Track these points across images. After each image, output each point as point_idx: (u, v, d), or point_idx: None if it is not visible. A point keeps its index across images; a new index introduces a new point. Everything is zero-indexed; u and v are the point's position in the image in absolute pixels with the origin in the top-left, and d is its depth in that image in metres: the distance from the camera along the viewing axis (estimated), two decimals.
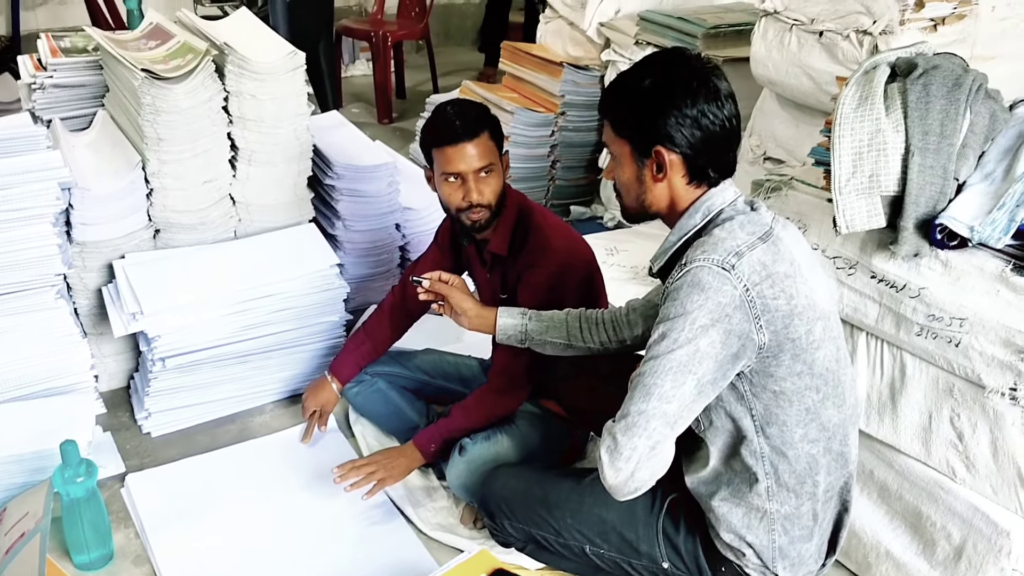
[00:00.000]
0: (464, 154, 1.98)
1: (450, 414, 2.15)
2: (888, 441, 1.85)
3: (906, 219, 1.73)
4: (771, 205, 2.08)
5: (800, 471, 1.56)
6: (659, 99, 1.51)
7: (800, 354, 1.49)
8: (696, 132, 1.51)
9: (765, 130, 3.01)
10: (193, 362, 2.34)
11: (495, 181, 2.03)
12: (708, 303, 1.43)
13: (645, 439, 1.43)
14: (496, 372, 2.14)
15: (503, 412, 2.15)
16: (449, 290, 1.97)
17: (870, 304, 1.84)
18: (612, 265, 3.10)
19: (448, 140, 1.99)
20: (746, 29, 3.14)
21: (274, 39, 2.69)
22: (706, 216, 1.55)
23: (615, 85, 1.60)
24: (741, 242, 1.47)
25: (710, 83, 1.52)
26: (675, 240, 1.58)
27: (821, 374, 1.53)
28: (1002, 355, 1.63)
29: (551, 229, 2.10)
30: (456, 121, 1.99)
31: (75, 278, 2.40)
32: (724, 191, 1.57)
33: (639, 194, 1.60)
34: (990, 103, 1.80)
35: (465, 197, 2.01)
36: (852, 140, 1.76)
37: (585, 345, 1.92)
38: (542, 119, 3.78)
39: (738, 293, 1.43)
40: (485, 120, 2.02)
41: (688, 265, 1.46)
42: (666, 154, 1.53)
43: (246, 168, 2.56)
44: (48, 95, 2.66)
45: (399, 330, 2.40)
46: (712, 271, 1.44)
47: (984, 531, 1.71)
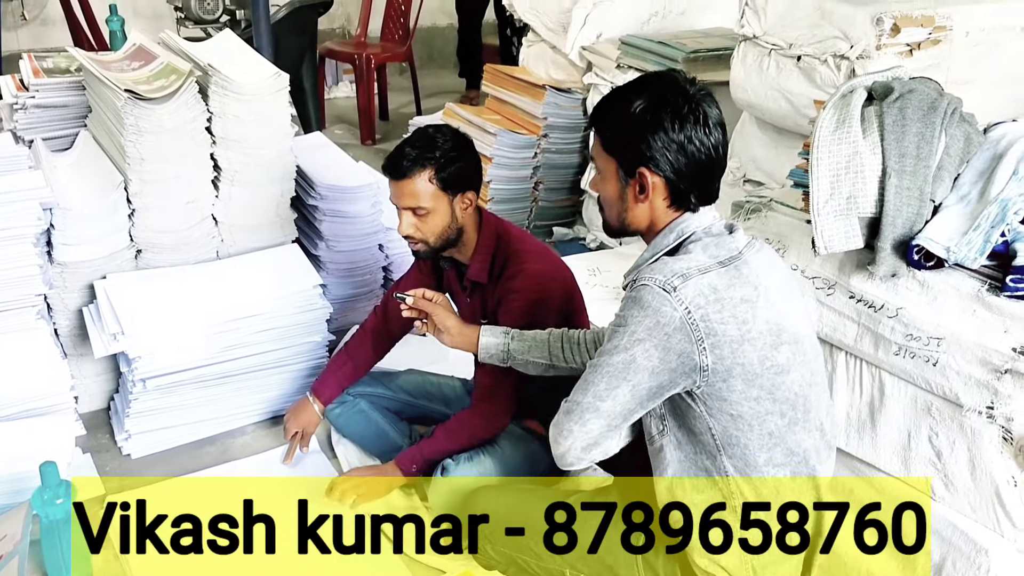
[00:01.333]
0: (394, 191, 2.05)
1: (433, 435, 2.15)
2: (868, 459, 1.86)
3: (883, 240, 1.75)
4: (751, 227, 2.11)
5: (766, 494, 1.57)
6: (648, 122, 1.52)
7: (754, 379, 1.50)
8: (681, 158, 1.53)
9: (745, 153, 3.04)
10: (174, 383, 2.33)
11: (430, 220, 2.05)
12: (646, 320, 1.48)
13: (579, 426, 1.55)
14: (481, 395, 2.14)
15: (487, 435, 2.15)
16: (432, 307, 1.98)
17: (849, 324, 1.86)
18: (595, 286, 3.11)
19: (385, 172, 2.07)
20: (725, 54, 3.17)
21: (258, 60, 2.70)
22: (679, 237, 1.58)
23: (608, 102, 1.61)
24: (694, 265, 1.50)
25: (700, 110, 1.53)
26: (647, 257, 1.61)
27: (788, 399, 1.54)
28: (979, 374, 1.65)
29: (529, 255, 2.11)
30: (395, 156, 2.04)
31: (56, 298, 2.39)
32: (702, 216, 1.59)
33: (620, 211, 1.62)
34: (965, 126, 1.84)
35: (399, 227, 2.06)
36: (830, 162, 1.78)
37: (567, 365, 1.93)
38: (525, 141, 3.81)
39: (678, 315, 1.47)
40: (424, 162, 2.01)
41: (637, 282, 1.52)
42: (649, 176, 1.54)
43: (229, 188, 2.56)
44: (30, 115, 2.65)
45: (381, 351, 2.40)
46: (653, 291, 1.48)
47: (963, 549, 1.72)
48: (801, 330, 1.58)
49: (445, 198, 2.03)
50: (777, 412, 1.53)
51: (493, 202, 3.79)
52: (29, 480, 1.91)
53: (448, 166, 2.02)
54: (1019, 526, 1.66)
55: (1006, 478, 1.65)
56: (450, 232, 2.08)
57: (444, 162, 2.02)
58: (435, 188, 2.02)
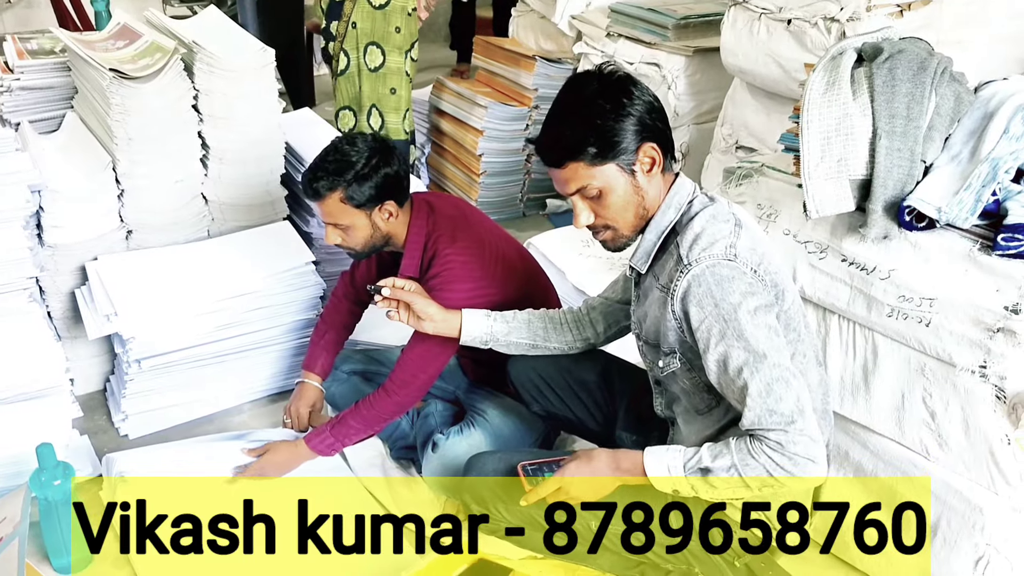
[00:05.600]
0: (314, 207, 2.10)
1: (342, 419, 2.10)
2: (862, 422, 1.87)
3: (875, 202, 1.75)
4: (742, 192, 2.10)
5: None
6: (612, 108, 1.55)
7: (790, 322, 1.61)
8: (654, 114, 1.58)
9: (737, 119, 3.03)
10: (169, 363, 2.33)
11: (352, 233, 2.07)
12: (739, 286, 1.52)
13: (803, 420, 1.47)
14: (400, 382, 2.06)
15: (392, 413, 2.10)
16: (411, 296, 1.94)
17: (841, 287, 1.86)
18: (588, 256, 3.10)
19: (302, 191, 2.10)
20: (716, 19, 3.16)
21: (243, 37, 2.67)
22: (678, 210, 1.62)
23: (559, 131, 1.59)
24: (726, 232, 1.56)
25: (616, 75, 1.58)
26: (654, 239, 1.64)
27: (804, 338, 1.66)
28: (971, 333, 1.66)
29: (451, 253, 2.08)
30: (308, 177, 2.05)
31: (47, 281, 2.38)
32: (683, 182, 1.65)
33: (638, 203, 1.62)
34: (955, 85, 1.83)
35: (325, 238, 2.11)
36: (820, 125, 1.78)
37: (548, 345, 1.96)
38: (516, 113, 3.79)
39: (748, 272, 1.53)
40: (333, 184, 2.01)
41: (693, 266, 1.54)
42: (649, 147, 1.58)
43: (218, 167, 2.55)
44: (16, 98, 2.62)
45: (357, 314, 2.43)
46: (721, 263, 1.53)
47: (958, 508, 1.73)
48: (786, 274, 1.68)
49: (362, 213, 2.05)
50: (802, 352, 1.66)
51: (485, 176, 3.77)
52: (27, 463, 1.91)
53: (359, 185, 2.02)
54: (1013, 484, 1.67)
55: (999, 436, 1.66)
56: (375, 240, 2.11)
57: (354, 183, 2.01)
58: (349, 207, 2.03)
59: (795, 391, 1.48)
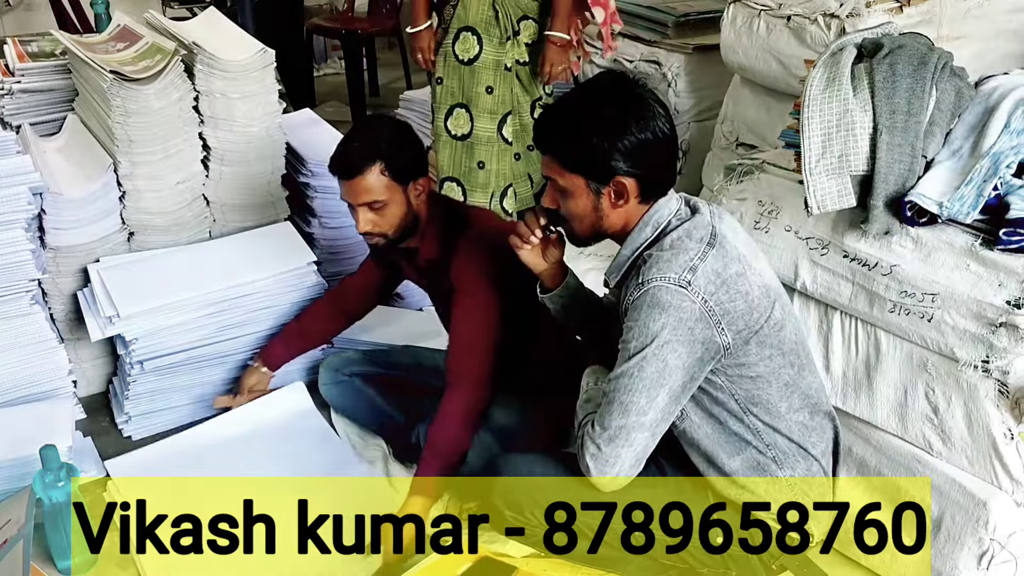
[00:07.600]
0: (347, 189, 2.01)
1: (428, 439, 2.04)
2: (865, 417, 1.87)
3: (876, 197, 1.75)
4: (743, 189, 2.10)
5: (797, 437, 1.64)
6: (610, 129, 1.54)
7: (765, 340, 1.58)
8: (649, 153, 1.56)
9: (737, 116, 3.03)
10: (172, 364, 2.33)
11: (388, 212, 2.03)
12: (669, 320, 1.50)
13: (628, 449, 1.56)
14: (456, 377, 2.04)
15: (477, 411, 2.06)
16: None
17: (843, 283, 1.86)
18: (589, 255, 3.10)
19: (334, 173, 2.03)
20: (715, 16, 3.15)
21: (243, 37, 2.67)
22: (656, 228, 1.61)
23: (556, 122, 1.61)
24: (693, 254, 1.53)
25: (644, 99, 1.56)
26: (628, 254, 1.64)
27: (792, 349, 1.62)
28: (974, 328, 1.66)
29: (474, 227, 2.08)
30: (341, 155, 2.00)
31: (50, 283, 2.38)
32: (669, 201, 1.63)
33: (595, 222, 1.63)
34: (956, 80, 1.83)
35: (357, 225, 2.04)
36: (821, 121, 1.78)
37: (591, 327, 1.95)
38: None
39: (696, 307, 1.50)
40: (372, 156, 1.97)
41: (646, 284, 1.53)
42: (625, 180, 1.57)
43: (219, 168, 2.55)
44: (16, 100, 2.63)
45: (336, 323, 2.42)
46: (669, 290, 1.50)
47: (962, 503, 1.73)
48: (778, 284, 1.66)
49: (399, 188, 2.02)
50: (787, 363, 1.61)
51: None
52: (30, 465, 1.91)
53: (397, 156, 2.00)
54: (1017, 478, 1.67)
55: (1003, 431, 1.66)
56: (407, 221, 2.07)
57: (392, 153, 1.99)
58: (388, 179, 2.00)
59: (636, 447, 1.56)
